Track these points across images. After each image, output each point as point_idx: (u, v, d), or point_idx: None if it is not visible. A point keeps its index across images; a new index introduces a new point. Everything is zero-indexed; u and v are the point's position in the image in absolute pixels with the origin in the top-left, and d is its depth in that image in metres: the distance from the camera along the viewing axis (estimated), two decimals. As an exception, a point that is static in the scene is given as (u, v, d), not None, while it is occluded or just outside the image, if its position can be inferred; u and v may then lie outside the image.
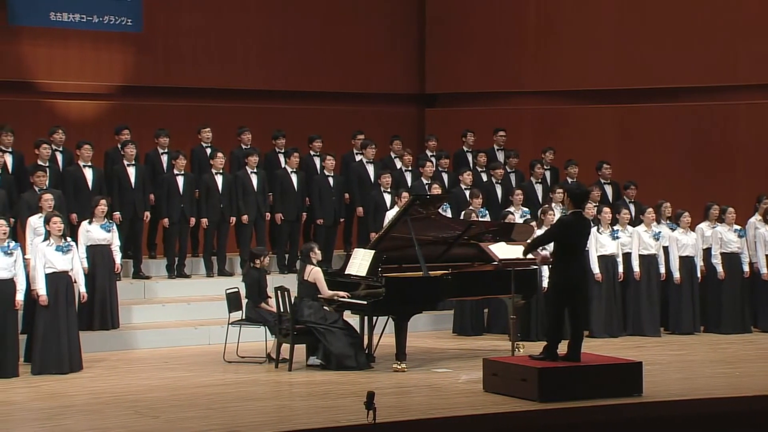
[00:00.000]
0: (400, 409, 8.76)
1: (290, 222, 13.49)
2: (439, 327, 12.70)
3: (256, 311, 10.87)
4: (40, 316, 10.22)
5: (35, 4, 13.84)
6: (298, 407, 9.21)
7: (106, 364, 10.71)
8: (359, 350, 10.50)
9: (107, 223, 11.51)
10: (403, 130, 15.41)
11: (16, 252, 10.11)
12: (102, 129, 13.88)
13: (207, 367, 10.59)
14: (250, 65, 15.36)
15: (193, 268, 13.20)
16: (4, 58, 13.86)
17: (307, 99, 15.63)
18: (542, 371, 8.95)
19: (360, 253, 10.73)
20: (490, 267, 10.98)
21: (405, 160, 14.06)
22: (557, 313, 9.31)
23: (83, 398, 9.28)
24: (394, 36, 16.34)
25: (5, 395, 9.39)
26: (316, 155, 13.89)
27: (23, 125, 13.18)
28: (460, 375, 10.15)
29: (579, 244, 9.33)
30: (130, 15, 14.35)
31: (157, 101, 14.64)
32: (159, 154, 13.20)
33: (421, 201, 10.81)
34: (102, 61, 14.46)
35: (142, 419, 8.49)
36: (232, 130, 13.92)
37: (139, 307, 12.21)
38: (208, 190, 12.98)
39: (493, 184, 13.96)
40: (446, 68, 16.39)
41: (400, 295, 10.32)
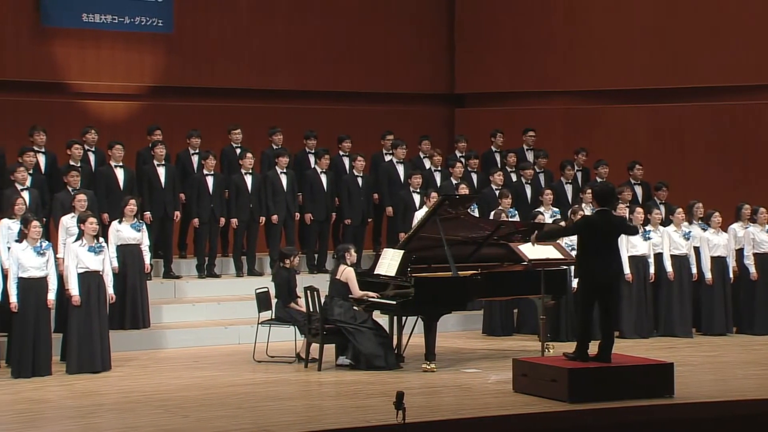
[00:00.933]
0: (429, 409, 8.76)
1: (320, 222, 13.51)
2: (469, 327, 12.68)
3: (286, 311, 10.90)
4: (73, 316, 10.31)
5: (68, 6, 13.96)
6: (327, 407, 9.22)
7: (136, 363, 10.77)
8: (389, 350, 10.49)
9: (137, 223, 11.58)
10: (432, 130, 15.39)
11: (48, 252, 10.20)
12: (133, 129, 13.97)
13: (237, 367, 10.63)
14: (280, 66, 15.40)
15: (223, 268, 13.26)
16: (37, 59, 13.99)
17: (336, 99, 15.66)
18: (572, 372, 8.90)
19: (389, 253, 10.73)
20: (520, 267, 10.95)
21: (435, 161, 14.05)
22: (585, 312, 9.27)
23: (114, 397, 9.34)
24: (424, 36, 16.33)
25: (39, 393, 9.48)
26: (345, 155, 13.91)
27: (56, 126, 13.30)
28: (490, 375, 10.12)
29: (605, 243, 9.24)
30: (161, 16, 14.44)
31: (187, 102, 14.72)
32: (190, 154, 13.26)
33: (451, 201, 10.79)
34: (133, 61, 14.56)
35: (172, 418, 8.53)
36: (262, 131, 13.96)
37: (170, 307, 12.27)
38: (237, 191, 13.03)
39: (523, 184, 13.92)
40: (476, 68, 16.35)
41: (429, 296, 10.31)
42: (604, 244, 9.25)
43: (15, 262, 10.08)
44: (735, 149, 15.24)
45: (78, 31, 14.17)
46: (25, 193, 11.20)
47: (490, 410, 8.73)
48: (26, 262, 10.07)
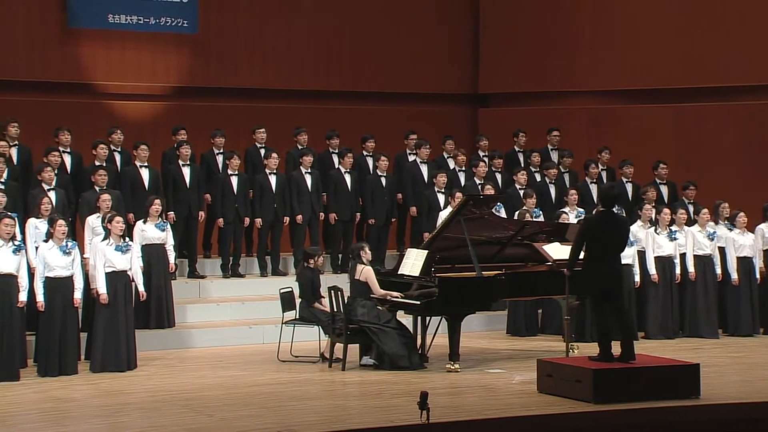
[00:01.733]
0: (453, 409, 8.76)
1: (344, 222, 13.53)
2: (493, 327, 12.66)
3: (310, 311, 10.92)
4: (99, 315, 10.37)
5: (94, 7, 14.04)
6: (351, 407, 9.23)
7: (162, 363, 10.82)
8: (412, 350, 10.49)
9: (161, 223, 11.64)
10: (456, 130, 15.37)
11: (74, 251, 10.27)
12: (158, 129, 14.03)
13: (261, 366, 10.66)
14: (305, 66, 15.43)
15: (247, 268, 13.29)
16: (63, 60, 14.08)
17: (360, 99, 15.67)
18: (597, 372, 8.87)
19: (413, 253, 10.73)
20: (544, 267, 10.92)
21: (459, 161, 14.03)
22: (598, 314, 9.27)
23: (140, 396, 9.39)
24: (448, 36, 16.31)
25: (65, 392, 9.54)
26: (369, 155, 13.92)
27: (81, 126, 13.38)
28: (514, 376, 10.10)
29: (609, 244, 9.19)
30: (186, 16, 14.50)
31: (211, 102, 14.77)
32: (214, 154, 13.31)
33: (475, 201, 10.79)
34: (158, 62, 14.63)
35: (197, 417, 8.57)
36: (286, 131, 14.00)
37: (194, 306, 12.32)
38: (262, 190, 13.07)
39: (547, 184, 13.88)
40: (500, 68, 16.32)
41: (453, 296, 10.30)
42: (608, 245, 9.20)
43: (42, 262, 10.16)
44: (760, 148, 15.12)
45: (104, 32, 14.25)
46: (52, 193, 11.28)
47: (514, 410, 8.71)
48: (52, 261, 10.14)
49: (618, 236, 9.33)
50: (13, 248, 9.97)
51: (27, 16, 13.93)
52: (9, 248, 9.96)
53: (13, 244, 9.99)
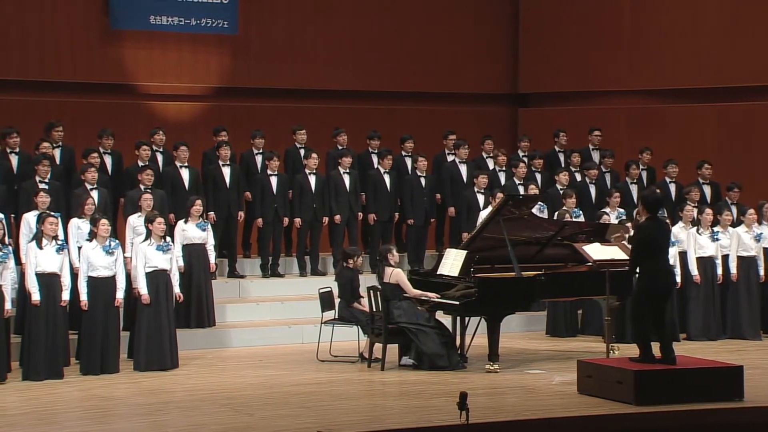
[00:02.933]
0: (493, 410, 8.73)
1: (383, 222, 13.54)
2: (532, 328, 12.59)
3: (349, 311, 10.93)
4: (142, 314, 10.46)
5: (136, 9, 14.16)
6: (390, 407, 9.23)
7: (202, 362, 10.89)
8: (452, 350, 10.48)
9: (202, 223, 11.71)
10: (495, 130, 15.33)
11: (117, 251, 10.36)
12: (198, 130, 14.12)
13: (300, 366, 10.69)
14: (343, 66, 15.45)
15: (286, 268, 13.34)
16: (106, 62, 14.22)
17: (399, 99, 15.67)
18: (638, 374, 8.80)
19: (452, 254, 10.71)
20: (584, 268, 10.86)
21: (499, 161, 13.99)
22: (638, 315, 9.21)
23: (181, 395, 9.45)
24: (487, 35, 16.26)
25: (108, 390, 9.63)
26: (407, 156, 13.91)
27: (123, 127, 13.51)
28: (554, 376, 10.05)
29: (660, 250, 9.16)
30: (226, 17, 14.58)
31: (251, 102, 14.84)
32: (254, 154, 13.37)
33: (514, 201, 10.75)
34: (199, 63, 14.72)
35: (237, 416, 8.61)
36: (326, 131, 14.03)
37: (234, 306, 12.38)
38: (301, 191, 13.11)
39: (587, 184, 13.79)
40: (540, 67, 16.24)
41: (492, 296, 10.27)
42: (659, 251, 9.15)
43: (85, 261, 10.26)
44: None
45: (145, 33, 14.37)
46: (95, 193, 11.39)
47: (554, 411, 8.68)
48: (95, 261, 10.24)
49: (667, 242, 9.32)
50: (57, 248, 10.08)
51: (70, 18, 14.08)
52: (52, 247, 10.07)
53: (56, 243, 10.10)
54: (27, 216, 10.72)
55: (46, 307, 9.99)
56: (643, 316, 9.18)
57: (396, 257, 10.79)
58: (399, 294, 10.55)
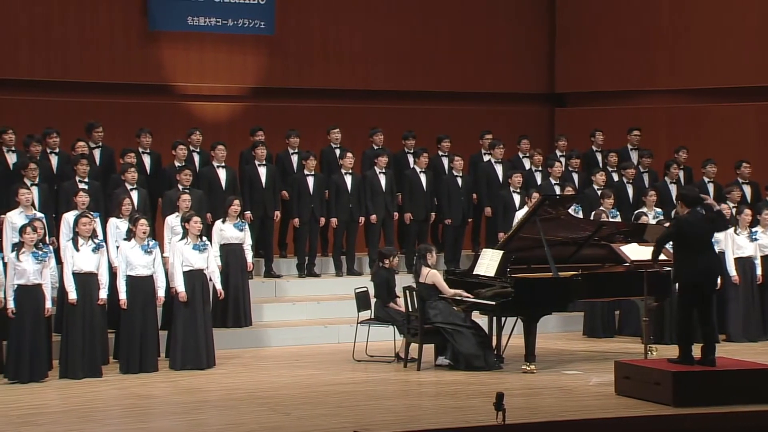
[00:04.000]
0: (529, 410, 8.70)
1: (419, 222, 13.53)
2: (569, 328, 12.54)
3: (385, 311, 10.93)
4: (178, 314, 10.53)
5: (174, 10, 14.27)
6: (427, 407, 9.23)
7: (239, 361, 10.94)
8: (488, 350, 10.45)
9: (240, 223, 11.76)
10: (531, 129, 15.27)
11: (155, 250, 10.44)
12: (235, 130, 14.19)
13: (336, 366, 10.71)
14: (380, 66, 15.47)
15: (322, 268, 13.36)
16: (144, 63, 14.33)
17: (435, 99, 15.65)
18: (677, 375, 8.74)
19: (488, 254, 10.68)
20: (622, 268, 10.79)
21: (535, 161, 13.93)
22: (683, 315, 9.14)
23: (218, 394, 9.51)
24: (524, 35, 16.21)
25: (146, 389, 9.71)
26: (444, 155, 13.90)
27: (161, 127, 13.61)
28: (591, 377, 10.01)
29: (699, 243, 9.08)
30: (263, 18, 14.65)
31: (288, 102, 14.89)
32: (289, 154, 13.41)
33: (551, 201, 10.70)
34: (236, 63, 14.80)
35: (274, 415, 8.64)
36: (362, 131, 14.05)
37: (271, 306, 12.42)
38: (337, 190, 13.13)
39: (625, 184, 13.70)
40: (576, 67, 16.15)
41: (529, 296, 10.23)
42: (698, 244, 9.08)
43: (123, 260, 10.35)
44: None
45: (183, 34, 14.47)
46: (134, 193, 11.49)
47: (592, 413, 8.63)
48: (134, 260, 10.32)
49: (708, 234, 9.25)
50: (93, 247, 10.17)
51: (109, 20, 14.21)
52: (88, 247, 10.16)
53: (92, 243, 10.19)
54: (67, 216, 10.83)
55: (83, 306, 10.08)
56: (688, 316, 9.10)
57: (434, 258, 10.78)
58: (435, 294, 10.53)
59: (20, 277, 9.86)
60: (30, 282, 9.88)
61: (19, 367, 9.83)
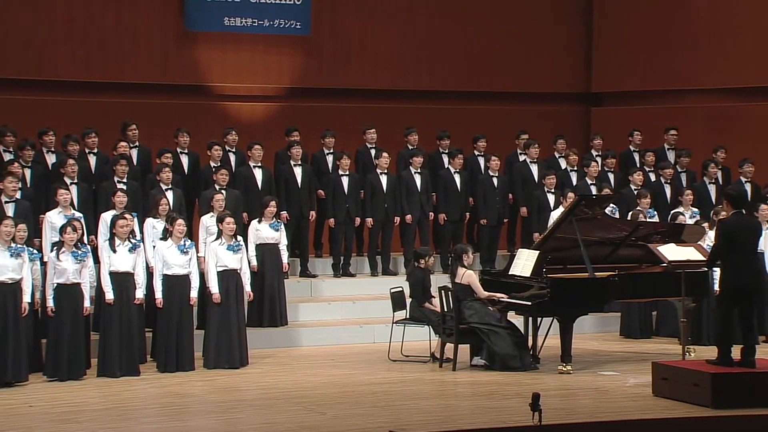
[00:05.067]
0: (566, 411, 8.67)
1: (454, 222, 13.51)
2: (606, 329, 12.47)
3: (420, 311, 10.93)
4: (212, 313, 10.59)
5: (211, 11, 14.35)
6: (462, 407, 9.22)
7: (274, 360, 10.98)
8: (524, 351, 10.42)
9: (276, 223, 11.80)
10: (567, 129, 15.19)
11: (191, 250, 10.50)
12: (271, 130, 14.24)
13: (372, 365, 10.72)
14: (415, 66, 15.46)
15: (358, 267, 13.38)
16: (181, 63, 14.43)
17: (471, 99, 15.62)
18: (716, 377, 8.66)
19: (524, 254, 10.65)
20: (659, 268, 10.71)
21: (570, 160, 13.87)
22: (724, 316, 9.05)
23: (254, 393, 9.55)
24: (561, 34, 16.13)
25: (183, 388, 9.77)
26: (480, 155, 13.87)
27: (198, 127, 13.68)
28: (628, 378, 9.95)
29: (745, 245, 8.99)
30: (299, 18, 14.70)
31: (323, 102, 14.92)
32: (324, 154, 13.44)
33: (587, 201, 10.65)
34: (272, 63, 14.86)
35: (309, 415, 8.67)
36: (397, 131, 14.05)
37: (306, 305, 12.46)
38: (372, 190, 13.14)
39: (662, 184, 13.60)
40: (613, 66, 16.05)
41: (565, 297, 10.19)
42: (744, 246, 8.99)
43: (159, 260, 10.42)
44: None
45: (220, 34, 14.55)
46: (169, 193, 11.56)
47: (628, 414, 8.58)
48: (170, 259, 10.39)
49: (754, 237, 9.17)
50: (129, 247, 10.25)
51: (147, 20, 14.32)
52: (125, 247, 10.24)
53: (129, 243, 10.27)
54: (105, 215, 10.92)
55: (120, 305, 10.16)
56: (728, 317, 9.02)
57: (471, 258, 10.76)
58: (470, 294, 10.52)
59: (60, 277, 9.97)
60: (69, 281, 9.98)
61: (58, 366, 9.93)
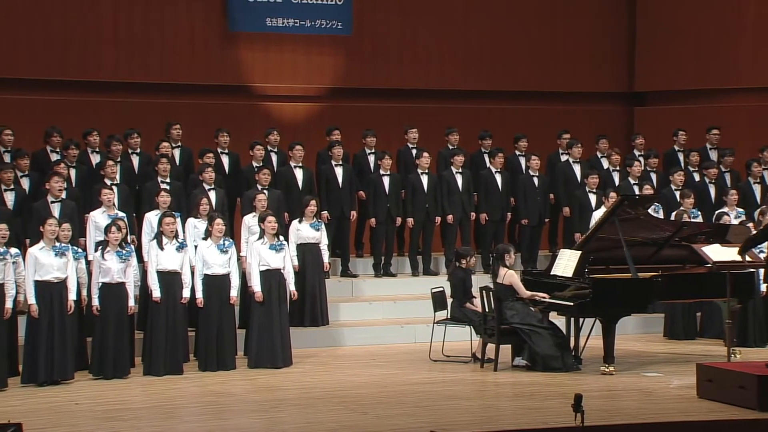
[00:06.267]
0: (608, 412, 8.61)
1: (495, 222, 13.47)
2: (649, 330, 12.36)
3: (462, 311, 10.91)
4: (255, 312, 10.64)
5: (253, 12, 14.42)
6: (504, 407, 9.18)
7: (316, 360, 11.00)
8: (566, 351, 10.36)
9: (316, 222, 11.83)
10: (610, 129, 15.09)
11: (231, 250, 10.55)
12: (312, 130, 14.28)
13: (413, 365, 10.71)
14: (456, 66, 15.43)
15: (398, 267, 13.38)
16: (223, 64, 14.51)
17: (513, 98, 15.56)
18: (763, 379, 8.55)
19: (566, 254, 10.59)
20: (704, 269, 10.60)
21: (613, 160, 13.77)
22: None
23: (296, 392, 9.57)
24: (602, 33, 16.02)
25: (224, 387, 9.82)
26: (521, 155, 13.82)
27: (240, 127, 13.76)
28: (672, 380, 9.86)
29: None
30: (340, 18, 14.73)
31: (365, 102, 14.94)
32: (366, 154, 13.46)
33: (630, 201, 10.57)
34: (313, 63, 14.90)
35: (351, 414, 8.68)
36: (438, 131, 14.03)
37: (347, 305, 12.47)
38: (413, 190, 13.13)
39: (706, 184, 13.47)
40: (657, 65, 15.91)
41: (607, 297, 10.13)
42: None
43: (200, 260, 10.48)
44: None
45: (262, 35, 14.61)
46: (211, 193, 11.63)
47: (673, 416, 8.50)
48: (210, 259, 10.46)
49: None
50: (177, 246, 10.33)
51: (190, 21, 14.42)
52: (173, 246, 10.32)
53: (176, 242, 10.35)
54: (148, 215, 11.02)
55: (167, 304, 10.24)
56: None
57: (512, 259, 10.72)
58: (512, 295, 10.48)
59: (105, 276, 10.07)
60: (114, 280, 10.08)
61: (103, 364, 10.03)
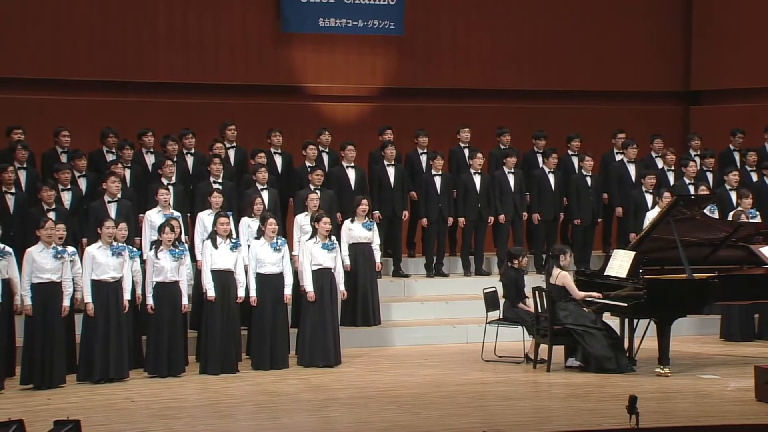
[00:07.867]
0: (664, 414, 8.52)
1: (547, 222, 13.40)
2: (705, 332, 12.21)
3: (514, 311, 10.86)
4: (307, 311, 10.68)
5: (306, 12, 14.49)
6: (557, 408, 9.13)
7: (368, 359, 11.02)
8: (620, 352, 10.27)
9: (368, 222, 11.85)
10: (664, 128, 14.92)
11: (284, 248, 10.61)
12: (365, 130, 14.31)
13: (465, 366, 10.69)
14: (508, 65, 15.37)
15: (450, 267, 13.36)
16: (276, 64, 14.60)
17: (565, 98, 15.46)
18: (821, 382, 8.41)
19: (620, 254, 10.50)
20: (762, 270, 10.45)
21: (668, 160, 13.62)
22: None
23: (348, 392, 9.60)
24: (658, 31, 15.85)
25: (277, 386, 9.87)
26: (574, 155, 13.73)
27: (292, 127, 13.84)
28: (729, 382, 9.73)
29: None
30: (392, 18, 14.74)
31: (417, 102, 14.94)
32: (418, 154, 13.45)
33: (686, 201, 10.46)
34: (365, 64, 14.93)
35: (403, 414, 8.68)
36: (491, 130, 13.99)
37: (399, 305, 12.48)
38: (465, 190, 13.11)
39: (765, 183, 13.26)
40: (713, 64, 15.70)
41: (662, 298, 10.03)
42: None
43: (253, 259, 10.55)
44: None
45: (314, 36, 14.68)
46: (264, 193, 11.70)
47: (730, 419, 8.40)
48: (263, 257, 10.52)
49: None
50: (231, 245, 10.41)
51: (244, 22, 14.53)
52: (227, 246, 10.40)
53: (230, 241, 10.43)
54: (201, 215, 11.11)
55: (221, 303, 10.32)
56: None
57: (568, 260, 10.63)
58: (565, 295, 10.41)
59: (158, 275, 10.17)
60: (168, 279, 10.18)
61: (158, 362, 10.13)
